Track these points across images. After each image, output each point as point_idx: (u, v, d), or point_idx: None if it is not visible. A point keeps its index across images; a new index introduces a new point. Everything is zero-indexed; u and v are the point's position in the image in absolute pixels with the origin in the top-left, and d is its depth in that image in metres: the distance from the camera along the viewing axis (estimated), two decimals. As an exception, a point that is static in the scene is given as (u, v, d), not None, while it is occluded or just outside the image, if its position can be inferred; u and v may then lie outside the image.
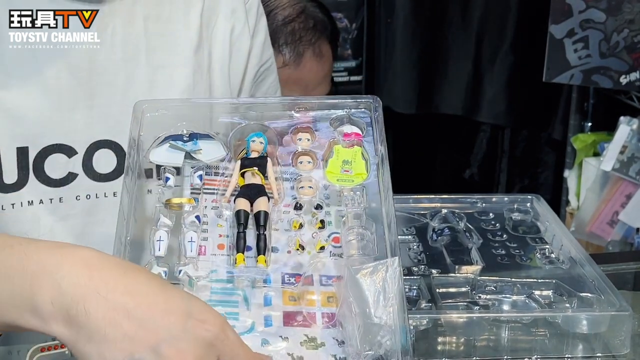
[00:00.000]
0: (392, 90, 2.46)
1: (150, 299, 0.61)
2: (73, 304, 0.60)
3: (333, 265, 0.75)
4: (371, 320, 0.68)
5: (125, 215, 0.76)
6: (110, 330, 0.59)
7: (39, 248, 0.64)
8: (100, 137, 0.98)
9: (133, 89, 0.99)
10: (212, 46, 1.07)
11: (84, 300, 0.60)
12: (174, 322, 0.60)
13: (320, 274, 0.75)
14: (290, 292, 0.73)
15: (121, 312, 0.60)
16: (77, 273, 0.61)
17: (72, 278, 0.61)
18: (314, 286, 0.74)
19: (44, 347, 0.78)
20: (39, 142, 0.95)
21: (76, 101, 0.96)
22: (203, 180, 0.81)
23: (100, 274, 0.62)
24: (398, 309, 0.69)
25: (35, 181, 0.95)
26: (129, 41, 0.99)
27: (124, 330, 0.59)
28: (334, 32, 1.65)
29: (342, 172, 0.81)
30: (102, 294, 0.60)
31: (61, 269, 0.61)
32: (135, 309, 0.60)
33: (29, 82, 0.94)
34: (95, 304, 0.60)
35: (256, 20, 1.12)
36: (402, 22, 2.40)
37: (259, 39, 1.13)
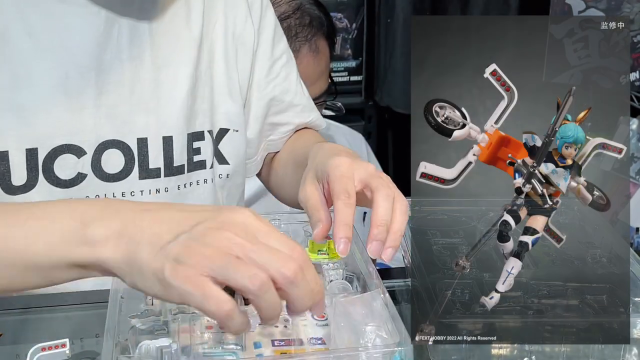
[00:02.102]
0: (392, 90, 2.45)
1: (186, 206, 0.69)
2: (125, 224, 0.66)
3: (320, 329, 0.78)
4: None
5: None
6: (156, 229, 0.66)
7: (79, 199, 0.75)
8: (108, 137, 0.98)
9: (139, 88, 0.99)
10: (214, 43, 1.06)
11: (133, 218, 0.67)
12: (209, 212, 0.67)
13: (309, 337, 0.76)
14: (282, 350, 0.75)
15: (163, 214, 0.67)
16: (124, 205, 0.69)
17: (120, 207, 0.68)
18: (304, 345, 0.76)
19: (44, 347, 0.78)
20: (49, 142, 0.95)
21: (84, 101, 0.96)
22: None
23: (142, 203, 0.70)
24: (391, 333, 0.72)
25: (44, 182, 0.95)
26: (134, 40, 0.99)
27: (167, 226, 0.66)
28: (331, 29, 1.65)
29: (318, 255, 0.87)
30: (147, 209, 0.68)
31: (111, 203, 0.70)
32: (175, 213, 0.67)
33: (37, 82, 0.94)
34: (141, 218, 0.67)
35: (261, 14, 1.12)
36: (402, 22, 2.40)
37: (266, 34, 1.12)
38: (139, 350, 0.71)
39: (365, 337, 0.73)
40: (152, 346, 0.71)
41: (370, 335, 0.73)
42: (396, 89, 2.46)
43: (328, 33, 1.63)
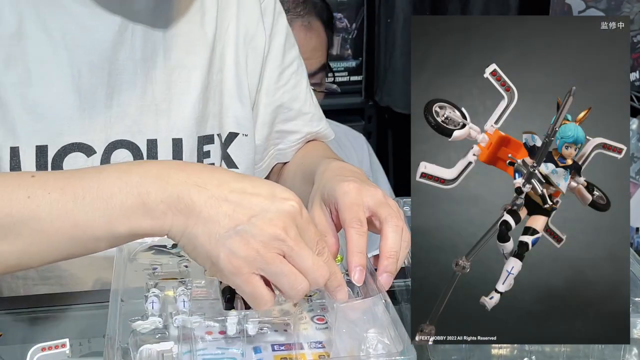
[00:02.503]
0: (392, 90, 2.45)
1: (239, 185, 0.73)
2: (180, 198, 0.71)
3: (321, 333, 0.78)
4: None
5: None
6: (213, 212, 0.71)
7: (125, 164, 0.77)
8: (118, 137, 0.98)
9: (151, 89, 0.99)
10: (225, 46, 1.06)
11: (188, 193, 0.71)
12: (262, 201, 0.72)
13: (309, 340, 0.77)
14: (282, 355, 0.75)
15: (218, 197, 0.71)
16: (177, 175, 0.73)
17: (173, 179, 0.72)
18: (305, 350, 0.76)
19: (44, 347, 0.78)
20: (59, 140, 0.95)
21: (96, 100, 0.96)
22: None
23: (193, 172, 0.73)
24: (393, 340, 0.72)
25: None
26: (148, 41, 0.99)
27: (223, 210, 0.71)
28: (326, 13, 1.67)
29: None
30: (200, 186, 0.72)
31: (163, 173, 0.73)
32: (229, 194, 0.72)
33: (51, 79, 0.94)
34: (197, 194, 0.71)
35: (273, 20, 1.11)
36: (402, 22, 2.40)
37: (277, 40, 1.12)
38: (140, 354, 0.71)
39: (366, 343, 0.73)
40: (152, 350, 0.71)
41: (372, 341, 0.73)
42: (396, 89, 2.46)
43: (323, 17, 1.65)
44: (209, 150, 1.05)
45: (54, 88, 0.94)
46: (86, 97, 0.95)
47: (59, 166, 0.94)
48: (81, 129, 0.96)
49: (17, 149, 0.93)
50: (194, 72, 1.03)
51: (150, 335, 0.74)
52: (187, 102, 1.02)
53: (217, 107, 1.06)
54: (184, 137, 1.01)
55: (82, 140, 0.96)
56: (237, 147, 1.08)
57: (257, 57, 1.09)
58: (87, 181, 0.73)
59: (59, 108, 0.94)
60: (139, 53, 0.98)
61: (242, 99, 1.07)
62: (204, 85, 1.03)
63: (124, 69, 0.97)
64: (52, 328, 0.89)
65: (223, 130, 1.07)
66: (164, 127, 1.00)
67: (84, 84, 0.95)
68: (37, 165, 0.93)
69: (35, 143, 0.94)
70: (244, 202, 0.72)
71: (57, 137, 0.94)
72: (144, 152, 0.99)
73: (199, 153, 1.03)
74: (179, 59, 1.01)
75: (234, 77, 1.07)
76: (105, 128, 0.97)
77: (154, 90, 0.99)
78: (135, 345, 0.73)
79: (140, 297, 0.77)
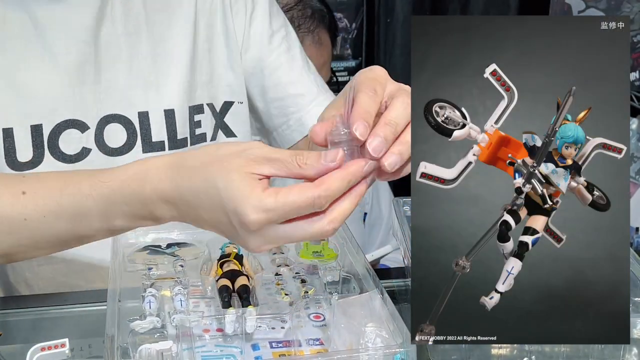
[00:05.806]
0: (392, 90, 2.46)
1: None
2: (181, 215, 0.71)
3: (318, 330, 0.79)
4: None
5: None
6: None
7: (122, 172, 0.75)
8: (109, 112, 0.99)
9: (137, 63, 1.00)
10: (212, 17, 1.08)
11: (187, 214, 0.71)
12: (229, 230, 0.69)
13: (306, 337, 0.77)
14: (280, 352, 0.76)
15: (200, 190, 0.68)
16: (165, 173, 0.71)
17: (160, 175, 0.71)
18: (303, 347, 0.76)
19: (44, 347, 0.78)
20: (52, 118, 0.96)
21: (84, 77, 0.97)
22: None
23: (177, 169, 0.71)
24: (392, 333, 0.72)
25: (50, 158, 0.96)
26: (129, 16, 1.00)
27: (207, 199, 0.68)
28: (332, 21, 1.67)
29: (313, 256, 0.88)
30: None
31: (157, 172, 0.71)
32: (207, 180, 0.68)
33: (38, 60, 0.95)
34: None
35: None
36: (402, 22, 2.40)
37: (260, 4, 1.13)
38: (139, 353, 0.71)
39: (365, 337, 0.73)
40: (151, 349, 0.71)
41: (370, 336, 0.73)
42: (396, 89, 2.46)
43: (329, 25, 1.65)
44: (200, 120, 1.06)
45: (41, 68, 0.95)
46: (74, 75, 0.97)
47: (55, 144, 0.96)
48: (73, 105, 0.97)
49: (11, 130, 0.94)
50: (179, 43, 1.04)
51: (148, 335, 0.74)
52: (175, 73, 1.03)
53: (207, 76, 1.07)
54: (175, 107, 1.03)
55: (75, 116, 0.97)
56: (233, 115, 1.09)
57: (240, 20, 1.10)
58: (98, 189, 0.74)
59: (48, 87, 0.96)
60: (121, 27, 0.99)
61: (234, 67, 1.08)
62: (191, 56, 1.05)
63: (109, 45, 0.99)
64: (52, 328, 0.89)
65: (217, 99, 1.08)
66: (153, 99, 1.02)
67: (70, 62, 0.96)
68: (34, 145, 0.95)
69: (30, 123, 0.95)
70: None
71: (50, 116, 0.96)
72: (137, 125, 1.00)
73: (190, 123, 1.05)
74: (162, 32, 1.03)
75: (224, 45, 1.08)
76: (96, 103, 0.98)
77: (139, 63, 1.01)
78: (134, 345, 0.73)
79: (137, 298, 0.77)
